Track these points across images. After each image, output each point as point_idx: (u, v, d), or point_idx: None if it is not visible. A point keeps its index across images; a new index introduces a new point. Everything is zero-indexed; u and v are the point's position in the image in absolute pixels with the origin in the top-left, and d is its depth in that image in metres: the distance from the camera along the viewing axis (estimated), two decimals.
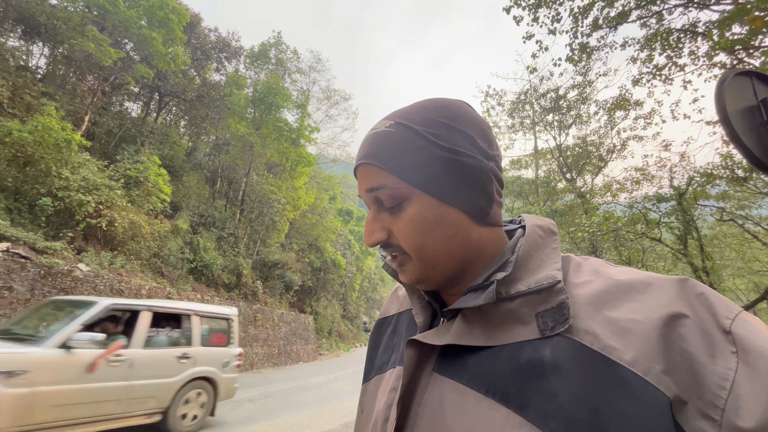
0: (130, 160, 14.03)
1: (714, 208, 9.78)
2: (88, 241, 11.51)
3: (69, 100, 13.73)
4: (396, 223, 0.45)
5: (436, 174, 0.44)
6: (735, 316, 0.34)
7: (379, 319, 0.64)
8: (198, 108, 20.08)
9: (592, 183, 13.39)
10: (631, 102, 10.28)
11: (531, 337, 0.39)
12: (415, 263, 0.46)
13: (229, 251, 19.28)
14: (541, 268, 0.43)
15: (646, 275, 0.40)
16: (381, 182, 0.45)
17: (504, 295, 0.42)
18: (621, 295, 0.38)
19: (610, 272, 0.42)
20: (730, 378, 0.31)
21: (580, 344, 0.36)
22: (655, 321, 0.35)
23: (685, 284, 0.38)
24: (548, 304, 0.40)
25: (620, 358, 0.34)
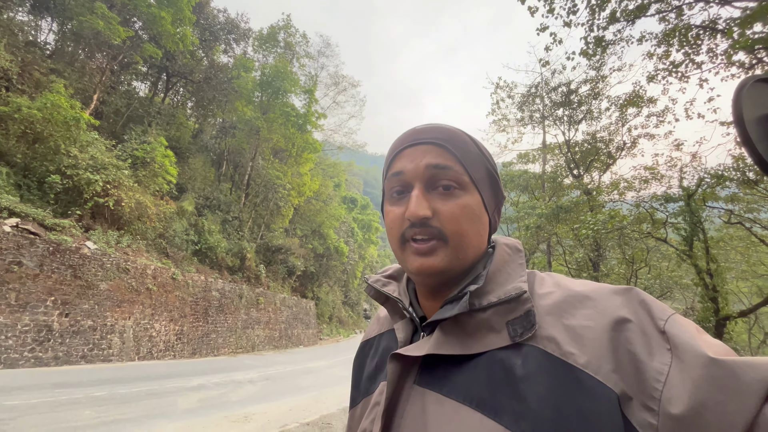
0: (138, 141, 14.07)
1: (722, 210, 9.67)
2: (96, 219, 11.65)
3: (78, 78, 13.71)
4: (446, 205, 0.48)
5: (485, 180, 0.51)
6: (668, 317, 0.39)
7: (362, 342, 0.66)
8: (205, 90, 19.98)
9: (599, 180, 13.25)
10: (644, 99, 10.08)
11: (502, 344, 0.43)
12: (448, 250, 0.47)
13: (234, 234, 19.44)
14: (509, 281, 0.47)
15: (599, 286, 0.45)
16: (449, 164, 0.48)
17: (477, 306, 0.45)
18: (577, 303, 0.43)
19: (569, 284, 0.47)
20: (665, 372, 0.35)
21: (545, 352, 0.40)
22: (604, 326, 0.40)
23: (630, 293, 0.43)
24: (516, 312, 0.44)
25: (576, 362, 0.38)
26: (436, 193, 0.49)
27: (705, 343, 0.37)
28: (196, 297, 13.88)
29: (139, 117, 16.61)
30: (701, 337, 0.38)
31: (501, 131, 14.85)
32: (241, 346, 16.15)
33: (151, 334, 11.47)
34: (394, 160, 0.52)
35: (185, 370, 9.55)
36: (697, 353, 0.35)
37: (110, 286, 10.33)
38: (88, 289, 9.76)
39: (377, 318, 0.67)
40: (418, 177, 0.49)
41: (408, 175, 0.50)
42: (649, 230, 9.47)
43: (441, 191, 0.48)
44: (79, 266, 9.62)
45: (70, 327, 9.14)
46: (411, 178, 0.49)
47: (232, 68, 21.84)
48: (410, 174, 0.49)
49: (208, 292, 14.69)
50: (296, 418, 5.84)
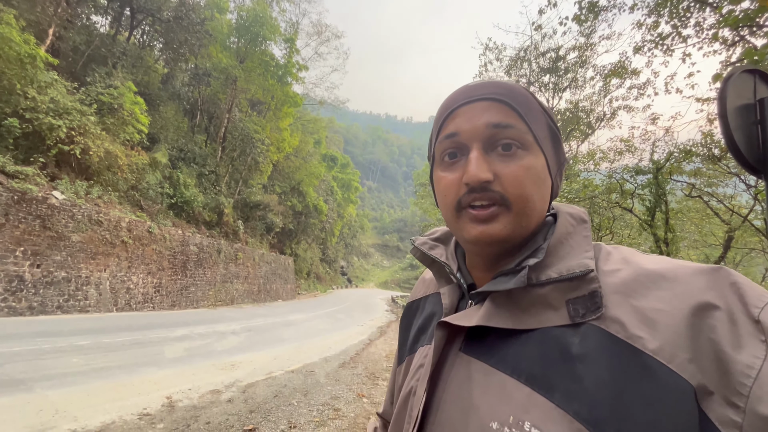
0: (102, 84, 13.02)
1: (685, 184, 10.30)
2: (62, 168, 11.02)
3: (29, 8, 12.25)
4: (508, 167, 0.43)
5: (548, 139, 0.47)
6: (765, 304, 0.34)
7: (409, 302, 0.66)
8: (176, 31, 18.36)
9: (577, 150, 13.63)
10: (628, 70, 10.21)
11: (560, 322, 0.40)
12: (512, 216, 0.43)
13: (210, 189, 18.93)
14: (572, 256, 0.43)
15: (677, 263, 0.40)
16: (512, 122, 0.44)
17: (535, 281, 0.42)
18: (649, 284, 0.39)
19: (640, 261, 0.42)
20: (757, 366, 0.32)
21: (607, 333, 0.37)
22: (683, 311, 0.35)
23: (718, 273, 0.38)
24: (579, 291, 0.41)
25: (645, 347, 0.35)
26: (496, 155, 0.44)
27: None
28: (173, 251, 13.73)
29: (102, 57, 15.23)
30: None
31: None
32: (220, 299, 16.37)
33: (129, 287, 11.41)
34: (447, 120, 0.47)
35: (167, 321, 9.70)
36: None
37: (83, 237, 10.04)
38: (59, 240, 9.46)
39: (422, 280, 0.67)
40: (476, 137, 0.44)
41: (464, 136, 0.45)
42: (618, 200, 10.03)
43: (501, 152, 0.44)
44: (48, 217, 9.24)
45: (42, 278, 8.94)
46: (468, 138, 0.45)
47: (205, 8, 20.04)
48: (467, 134, 0.45)
49: (186, 246, 14.55)
50: (281, 366, 6.18)
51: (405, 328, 0.63)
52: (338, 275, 51.42)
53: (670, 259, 0.42)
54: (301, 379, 5.52)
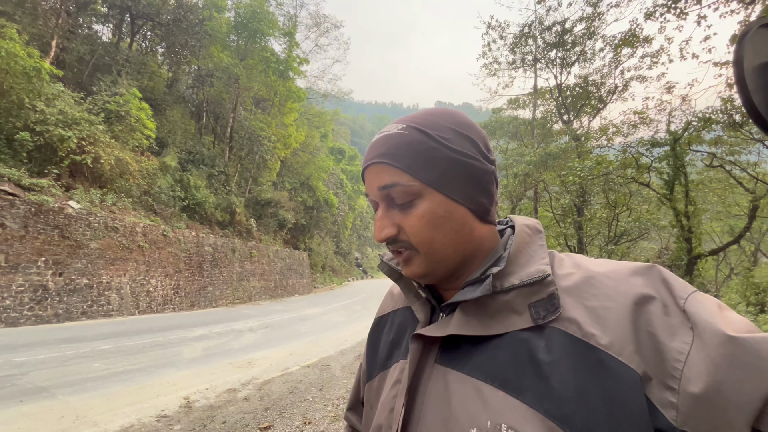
0: (108, 93, 13.19)
1: (705, 154, 9.84)
2: (75, 178, 11.26)
3: (31, 22, 12.43)
4: (407, 219, 0.48)
5: (446, 173, 0.47)
6: (688, 295, 0.40)
7: (377, 318, 0.67)
8: (176, 34, 18.39)
9: (588, 125, 13.18)
10: (640, 38, 9.73)
11: (524, 325, 0.44)
12: (422, 257, 0.48)
13: (221, 189, 19.14)
14: (531, 263, 0.47)
15: (619, 265, 0.46)
16: (395, 180, 0.47)
17: (499, 288, 0.45)
18: (597, 284, 0.44)
19: (589, 265, 0.47)
20: (686, 351, 0.36)
21: (567, 334, 0.41)
22: (626, 306, 0.40)
23: (651, 271, 0.43)
24: (539, 295, 0.44)
25: (598, 343, 0.39)
26: (397, 208, 0.49)
27: (724, 321, 0.37)
28: (189, 252, 14.00)
29: (106, 65, 15.40)
30: (722, 314, 0.39)
31: (492, 75, 14.33)
32: (238, 297, 16.67)
33: (149, 290, 11.70)
34: (364, 179, 0.52)
35: (186, 322, 9.92)
36: (716, 331, 0.36)
37: (101, 244, 10.29)
38: (79, 248, 9.72)
39: (390, 294, 0.68)
40: (377, 198, 0.50)
41: (371, 197, 0.51)
42: (634, 175, 9.67)
43: (399, 206, 0.49)
44: (66, 226, 9.49)
45: (65, 285, 9.23)
46: (374, 199, 0.51)
47: (203, 8, 19.99)
48: (372, 197, 0.51)
49: (201, 248, 14.80)
50: (297, 361, 6.23)
51: (373, 344, 0.64)
52: (353, 267, 51.81)
53: (615, 261, 0.47)
54: (316, 373, 5.56)
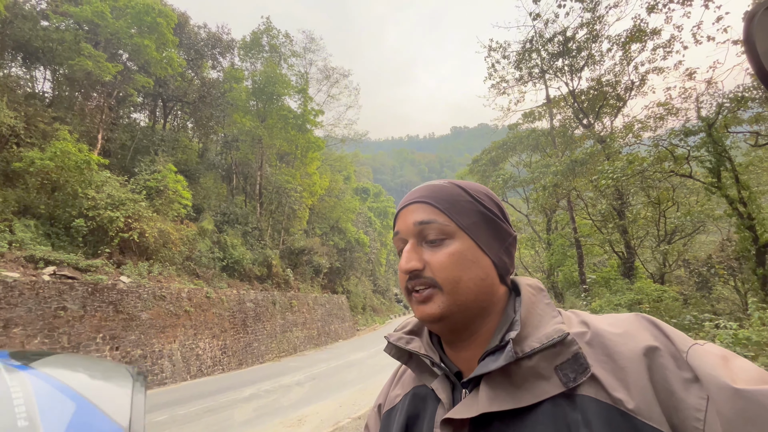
0: (148, 171, 14.42)
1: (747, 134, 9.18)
2: (125, 254, 12.11)
3: (80, 121, 14.06)
4: (435, 256, 0.50)
5: (479, 224, 0.52)
6: (689, 348, 0.40)
7: (387, 411, 0.61)
8: (202, 109, 20.16)
9: (611, 126, 12.76)
10: (647, 32, 9.55)
11: (555, 391, 0.42)
12: (444, 297, 0.48)
13: (256, 244, 19.85)
14: (544, 324, 0.46)
15: (616, 319, 0.47)
16: (432, 217, 0.51)
17: (521, 354, 0.44)
18: (608, 342, 0.43)
19: (594, 321, 0.47)
20: (703, 408, 0.36)
21: (597, 401, 0.40)
22: (640, 364, 0.40)
23: (638, 319, 0.45)
24: (564, 356, 0.43)
25: (627, 408, 0.39)
26: (426, 245, 0.51)
27: (729, 373, 0.36)
28: (232, 311, 14.36)
29: (145, 147, 16.96)
30: (726, 365, 0.38)
31: (502, 94, 14.41)
32: (283, 350, 16.68)
33: (198, 353, 11.98)
34: (395, 222, 0.56)
35: (236, 382, 9.97)
36: (721, 385, 0.35)
37: (151, 314, 10.80)
38: (131, 321, 10.23)
39: (395, 380, 0.64)
40: (409, 234, 0.52)
41: (402, 234, 0.54)
42: (672, 168, 9.10)
43: (430, 243, 0.51)
44: (119, 301, 10.07)
45: (122, 359, 9.64)
46: (405, 235, 0.53)
47: (223, 82, 21.89)
48: (404, 233, 0.53)
49: (243, 304, 15.16)
50: (347, 413, 6.03)
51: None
52: (393, 303, 50.95)
53: (614, 315, 0.48)
54: None
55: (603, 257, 14.49)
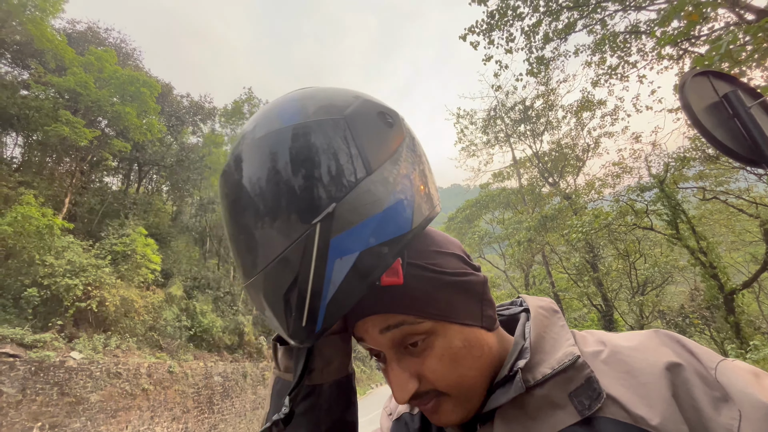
0: (116, 235, 13.83)
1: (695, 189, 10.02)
2: (79, 326, 11.06)
3: (47, 185, 13.66)
4: (425, 363, 0.42)
5: (451, 300, 0.42)
6: (717, 364, 0.38)
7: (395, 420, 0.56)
8: (178, 172, 20.18)
9: (575, 183, 13.68)
10: (594, 102, 10.75)
11: (572, 420, 0.39)
12: (454, 401, 0.43)
13: (228, 311, 18.73)
14: (557, 348, 0.43)
15: (638, 335, 0.44)
16: (399, 320, 0.41)
17: (532, 383, 0.41)
18: (627, 359, 0.41)
19: (613, 339, 0.45)
20: (735, 428, 0.34)
21: (617, 422, 0.37)
22: (663, 379, 0.38)
23: (658, 335, 0.43)
24: (577, 381, 0.40)
25: (650, 425, 0.36)
26: (409, 355, 0.43)
27: (764, 391, 0.35)
28: (197, 387, 13.00)
29: (115, 211, 16.46)
30: (759, 382, 0.36)
31: (471, 156, 15.38)
32: (253, 431, 14.95)
33: None
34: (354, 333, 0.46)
35: None
36: (755, 404, 0.34)
37: (102, 396, 9.59)
38: (78, 404, 9.02)
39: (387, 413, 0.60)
40: (382, 346, 0.43)
41: (373, 346, 0.44)
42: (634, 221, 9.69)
43: (411, 350, 0.42)
44: (66, 381, 8.95)
45: None
46: (377, 348, 0.44)
47: (203, 146, 22.31)
48: (374, 344, 0.44)
49: (210, 379, 13.81)
50: None
51: None
52: (374, 371, 47.96)
53: (633, 332, 0.46)
54: None
55: (583, 311, 14.55)
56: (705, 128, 1.07)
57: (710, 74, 1.12)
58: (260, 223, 0.38)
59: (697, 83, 1.13)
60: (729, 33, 4.24)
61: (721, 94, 1.08)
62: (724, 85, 1.12)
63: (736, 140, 1.03)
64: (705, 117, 1.08)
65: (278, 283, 0.37)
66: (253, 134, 0.41)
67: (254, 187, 0.39)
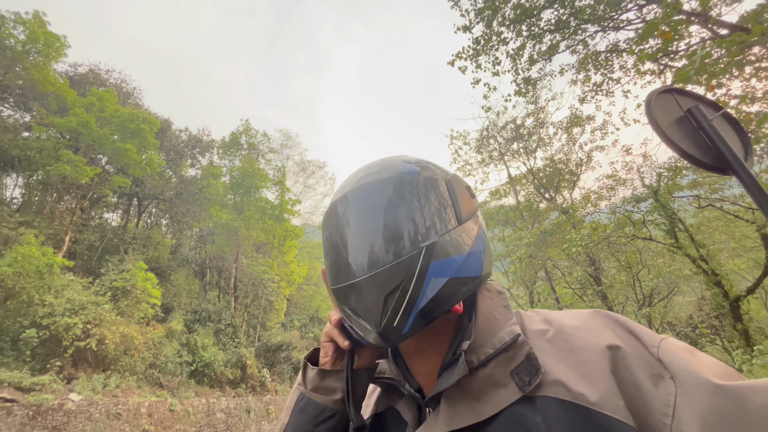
0: (116, 271, 13.77)
1: (690, 198, 10.12)
2: (78, 366, 10.82)
3: (48, 224, 13.72)
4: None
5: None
6: (659, 343, 0.40)
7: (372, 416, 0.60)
8: (178, 205, 20.35)
9: (571, 198, 13.80)
10: (583, 118, 11.03)
11: (513, 398, 0.41)
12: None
13: (229, 343, 18.36)
14: (499, 328, 0.47)
15: (576, 314, 0.47)
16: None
17: (476, 363, 0.44)
18: (571, 338, 0.44)
19: (559, 318, 0.48)
20: (671, 403, 0.36)
21: (557, 399, 0.40)
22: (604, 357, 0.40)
23: (599, 315, 0.45)
24: (517, 359, 0.43)
25: (589, 402, 0.38)
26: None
27: (704, 368, 0.37)
28: (199, 425, 12.58)
29: (114, 246, 16.46)
30: (698, 360, 0.38)
31: (467, 176, 15.56)
32: None
33: None
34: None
35: None
36: (699, 381, 0.35)
37: None
38: None
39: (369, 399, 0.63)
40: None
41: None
42: (633, 232, 9.71)
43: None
44: (64, 425, 8.67)
45: None
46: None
47: (201, 179, 22.57)
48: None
49: (212, 416, 13.38)
50: None
51: None
52: None
53: (576, 310, 0.48)
54: None
55: None
56: (673, 141, 1.14)
57: (674, 91, 1.20)
58: (380, 235, 0.46)
59: (662, 100, 1.21)
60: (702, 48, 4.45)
61: (685, 109, 1.16)
62: (687, 100, 1.20)
63: (703, 150, 1.10)
64: (672, 131, 1.15)
65: (384, 286, 0.44)
66: (379, 175, 0.52)
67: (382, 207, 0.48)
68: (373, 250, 0.46)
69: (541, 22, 7.39)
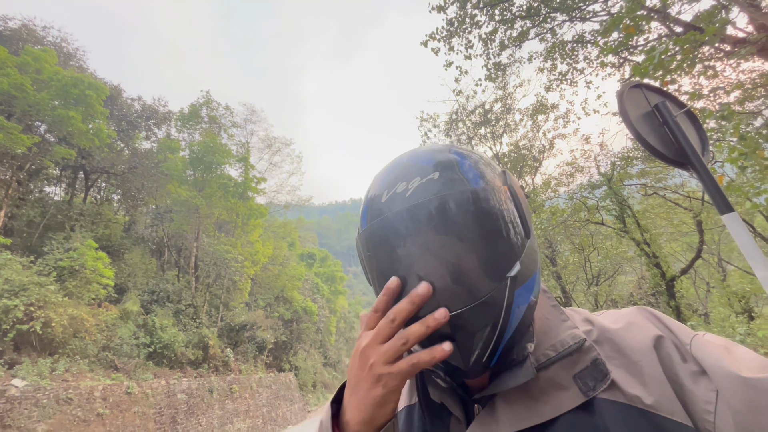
0: (61, 250, 12.77)
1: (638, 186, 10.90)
2: (21, 350, 10.09)
3: None
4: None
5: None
6: (691, 339, 0.40)
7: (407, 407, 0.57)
8: (131, 180, 18.98)
9: (533, 183, 14.40)
10: (547, 106, 11.41)
11: (576, 402, 0.40)
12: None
13: (190, 324, 17.84)
14: (555, 329, 0.45)
15: (619, 314, 0.46)
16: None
17: (536, 365, 0.42)
18: (617, 338, 0.43)
19: (598, 319, 0.47)
20: (713, 400, 0.35)
21: (615, 403, 0.39)
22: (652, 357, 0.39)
23: (641, 311, 0.45)
24: (582, 364, 0.42)
25: (645, 404, 0.37)
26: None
27: (735, 362, 0.37)
28: (159, 407, 12.27)
29: (59, 223, 15.19)
30: (730, 355, 0.38)
31: None
32: None
33: None
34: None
35: None
36: (729, 376, 0.35)
37: (51, 424, 8.81)
38: None
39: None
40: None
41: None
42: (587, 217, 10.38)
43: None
44: (7, 412, 8.14)
45: None
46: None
47: (157, 152, 21.15)
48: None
49: (173, 397, 13.08)
50: None
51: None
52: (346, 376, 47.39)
53: (615, 311, 0.47)
54: None
55: None
56: (639, 134, 1.21)
57: (643, 87, 1.28)
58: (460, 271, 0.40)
59: (632, 94, 1.28)
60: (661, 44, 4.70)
61: (653, 104, 1.24)
62: (655, 96, 1.28)
63: (665, 145, 1.19)
64: (639, 124, 1.22)
65: (471, 325, 0.40)
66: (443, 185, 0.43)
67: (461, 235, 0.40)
68: (453, 290, 0.40)
69: (513, 8, 7.46)
